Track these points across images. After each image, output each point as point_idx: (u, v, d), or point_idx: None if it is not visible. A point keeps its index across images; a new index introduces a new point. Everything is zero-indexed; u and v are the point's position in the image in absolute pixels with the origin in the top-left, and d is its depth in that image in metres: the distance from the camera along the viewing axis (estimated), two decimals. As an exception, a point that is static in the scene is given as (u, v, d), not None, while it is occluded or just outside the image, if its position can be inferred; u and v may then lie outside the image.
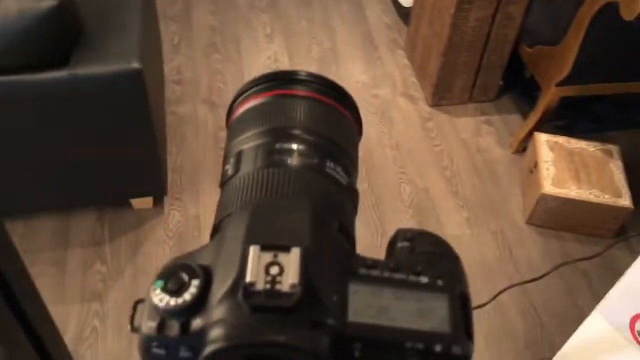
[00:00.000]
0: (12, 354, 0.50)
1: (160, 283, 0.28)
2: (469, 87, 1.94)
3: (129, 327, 0.30)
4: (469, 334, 0.29)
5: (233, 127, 0.39)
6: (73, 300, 1.48)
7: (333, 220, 0.33)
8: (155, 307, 0.28)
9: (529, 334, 1.51)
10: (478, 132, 1.93)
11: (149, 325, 0.28)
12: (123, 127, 1.37)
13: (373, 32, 2.24)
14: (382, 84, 2.06)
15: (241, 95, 0.40)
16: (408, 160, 1.85)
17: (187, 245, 1.60)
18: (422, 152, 1.88)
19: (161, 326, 0.28)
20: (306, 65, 2.09)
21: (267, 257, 0.28)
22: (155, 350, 0.29)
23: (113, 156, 1.44)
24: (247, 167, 0.35)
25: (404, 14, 2.20)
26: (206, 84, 2.00)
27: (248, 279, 0.27)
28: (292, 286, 0.27)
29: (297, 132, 0.36)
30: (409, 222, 1.69)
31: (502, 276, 1.59)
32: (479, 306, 1.52)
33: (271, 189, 0.33)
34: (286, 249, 0.28)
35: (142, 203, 1.65)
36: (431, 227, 1.68)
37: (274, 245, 0.28)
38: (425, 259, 0.31)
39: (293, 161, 0.34)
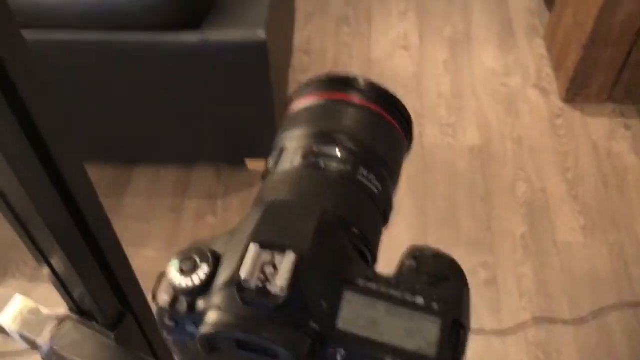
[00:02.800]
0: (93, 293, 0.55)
1: (176, 262, 0.32)
2: (609, 85, 1.78)
3: (151, 296, 0.34)
4: None
5: (286, 121, 0.40)
6: (182, 245, 1.60)
7: (347, 228, 0.33)
8: (170, 284, 0.32)
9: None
10: (612, 136, 1.78)
11: (163, 299, 0.32)
12: (244, 92, 1.44)
13: (513, 17, 2.12)
14: (513, 73, 1.96)
15: (301, 91, 0.41)
16: (529, 156, 1.76)
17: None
18: (546, 149, 1.77)
19: (173, 301, 0.32)
20: (436, 46, 2.04)
21: (266, 256, 0.29)
22: (167, 322, 0.32)
23: (233, 118, 1.52)
24: (284, 165, 0.36)
25: (550, 0, 2.06)
26: (332, 56, 2.03)
27: (243, 275, 0.29)
28: (281, 288, 0.28)
29: (337, 136, 0.37)
30: (518, 222, 1.62)
31: (611, 293, 1.48)
32: (578, 320, 1.44)
33: (295, 189, 0.34)
34: (283, 250, 0.29)
35: (256, 164, 1.73)
36: (543, 230, 1.60)
37: (274, 245, 0.29)
38: (428, 280, 0.30)
39: (326, 165, 0.35)
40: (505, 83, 1.93)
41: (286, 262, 0.29)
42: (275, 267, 0.29)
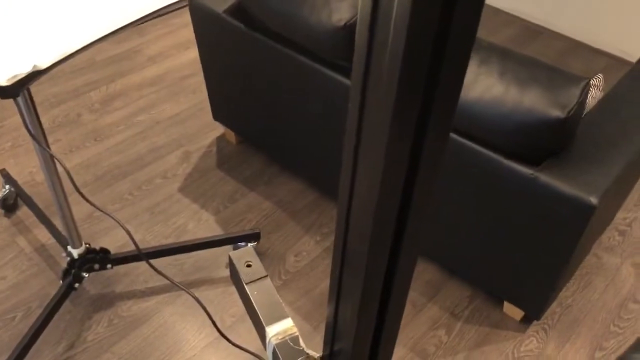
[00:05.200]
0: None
1: None
2: None
3: None
4: None
5: None
6: (406, 343, 1.60)
7: None
8: None
9: None
10: None
11: None
12: (545, 240, 1.39)
13: None
14: None
15: None
16: None
17: (525, 376, 1.53)
18: None
19: None
20: None
21: None
22: None
23: (517, 256, 1.48)
24: None
25: None
26: (649, 252, 1.83)
27: None
28: None
29: None
30: None
31: None
32: None
33: None
34: None
35: (513, 311, 1.64)
36: None
37: None
38: None
39: None
40: None
41: None
42: None
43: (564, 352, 1.58)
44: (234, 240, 1.72)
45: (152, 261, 1.73)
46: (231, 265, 0.71)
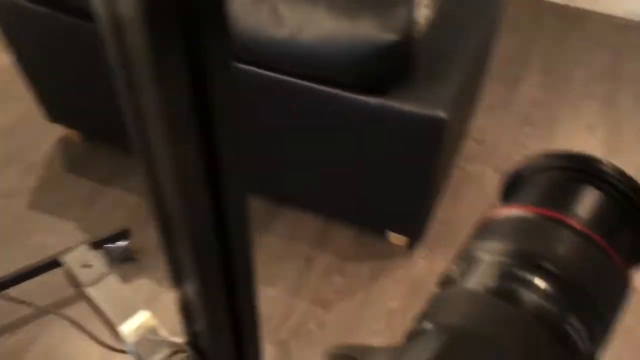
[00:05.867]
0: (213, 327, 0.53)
1: None
2: None
3: None
4: None
5: (484, 225, 0.35)
6: (305, 297, 1.59)
7: None
8: None
9: None
10: None
11: None
12: (408, 165, 1.42)
13: None
14: None
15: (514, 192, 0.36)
16: None
17: (419, 298, 1.58)
18: None
19: None
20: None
21: None
22: None
23: (387, 186, 1.50)
24: (474, 281, 0.30)
25: None
26: (505, 152, 1.94)
27: None
28: None
29: (547, 265, 0.30)
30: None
31: None
32: None
33: (485, 324, 0.28)
34: None
35: (397, 239, 1.68)
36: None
37: None
38: None
39: (529, 299, 0.28)
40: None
41: None
42: None
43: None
44: (100, 245, 1.60)
45: (17, 287, 1.56)
46: (68, 271, 0.63)
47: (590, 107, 2.10)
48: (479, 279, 0.30)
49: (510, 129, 2.03)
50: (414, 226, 1.61)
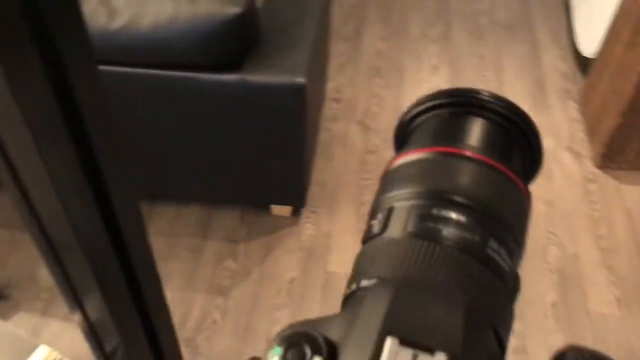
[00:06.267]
0: (123, 330, 0.50)
1: (279, 350, 0.26)
2: (646, 153, 1.75)
3: None
4: None
5: (387, 178, 0.35)
6: (200, 289, 1.55)
7: (487, 319, 0.28)
8: None
9: None
10: (648, 205, 1.73)
11: None
12: (277, 136, 1.42)
13: (545, 78, 2.11)
14: (546, 134, 1.92)
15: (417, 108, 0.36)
16: (561, 220, 1.71)
17: (315, 261, 1.61)
18: (578, 215, 1.72)
19: None
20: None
21: (406, 354, 0.24)
22: None
23: (262, 161, 1.49)
24: (395, 229, 0.30)
25: (583, 64, 2.05)
26: (363, 106, 2.01)
27: None
28: None
29: (458, 199, 0.31)
30: (549, 288, 1.55)
31: (648, 372, 1.40)
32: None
33: (419, 267, 0.28)
34: (430, 351, 0.23)
35: (281, 210, 1.69)
36: (575, 299, 1.53)
37: (416, 343, 0.24)
38: None
39: (450, 234, 0.29)
40: (537, 144, 1.90)
41: None
42: None
43: (336, 221, 1.69)
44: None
45: None
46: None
47: (430, 49, 2.23)
48: (398, 226, 0.30)
49: (363, 83, 2.10)
50: (295, 194, 1.62)
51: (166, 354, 0.51)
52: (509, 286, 0.30)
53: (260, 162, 1.50)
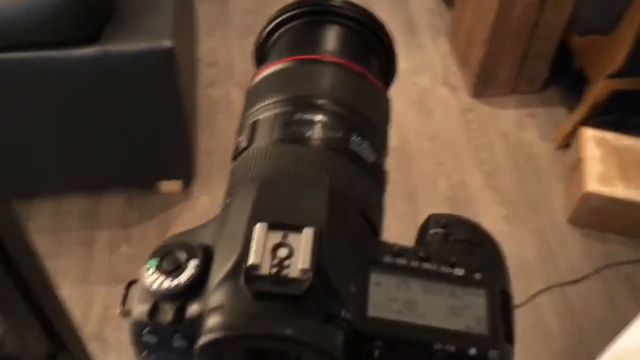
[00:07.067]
0: (20, 333, 0.47)
1: (154, 262, 0.26)
2: (513, 77, 1.85)
3: (118, 310, 0.27)
4: (509, 338, 0.25)
5: (249, 95, 0.36)
6: (99, 281, 1.47)
7: (354, 202, 0.28)
8: (148, 289, 0.25)
9: (566, 338, 1.43)
10: (521, 126, 1.85)
11: (140, 310, 0.25)
12: (152, 108, 1.35)
13: (414, 17, 2.17)
14: (421, 72, 1.99)
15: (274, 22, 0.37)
16: (446, 152, 1.78)
17: (214, 230, 1.57)
18: (461, 144, 1.80)
19: (154, 311, 0.25)
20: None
21: (275, 237, 0.24)
22: (147, 338, 0.26)
23: (141, 137, 1.42)
24: (261, 140, 0.31)
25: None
26: (240, 67, 1.96)
27: (251, 260, 0.23)
28: (303, 271, 0.22)
29: (319, 101, 0.31)
30: (443, 216, 1.63)
31: (539, 276, 1.51)
32: (515, 306, 1.45)
33: (286, 167, 0.29)
34: (297, 228, 0.24)
35: (171, 186, 1.62)
36: (467, 222, 1.61)
37: (284, 224, 0.24)
38: (462, 248, 0.26)
39: (313, 134, 0.30)
40: (415, 82, 1.95)
41: (305, 241, 0.23)
42: (290, 249, 0.23)
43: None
44: None
45: None
46: None
47: None
48: (265, 136, 0.31)
49: (237, 44, 2.04)
50: (182, 166, 1.57)
51: (62, 333, 0.47)
52: (377, 178, 0.32)
53: (138, 138, 1.42)
